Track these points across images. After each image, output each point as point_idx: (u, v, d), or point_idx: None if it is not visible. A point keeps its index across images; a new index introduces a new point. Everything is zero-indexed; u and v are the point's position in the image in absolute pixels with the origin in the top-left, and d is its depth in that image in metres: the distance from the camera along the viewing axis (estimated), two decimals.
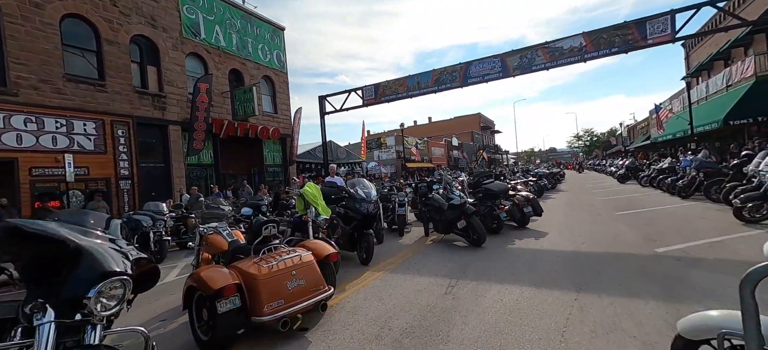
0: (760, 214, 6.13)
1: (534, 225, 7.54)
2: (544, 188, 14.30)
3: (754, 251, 4.52)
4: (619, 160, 27.19)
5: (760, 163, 7.61)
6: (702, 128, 17.97)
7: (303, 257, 3.18)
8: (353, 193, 5.47)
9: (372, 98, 16.37)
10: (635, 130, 42.13)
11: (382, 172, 29.96)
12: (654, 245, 5.20)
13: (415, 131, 61.59)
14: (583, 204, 10.93)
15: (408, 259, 5.56)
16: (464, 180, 9.63)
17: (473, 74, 14.07)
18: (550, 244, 5.79)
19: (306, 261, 3.17)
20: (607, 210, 9.08)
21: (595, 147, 62.79)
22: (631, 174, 18.18)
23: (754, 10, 13.92)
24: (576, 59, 12.20)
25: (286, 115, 18.30)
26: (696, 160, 10.30)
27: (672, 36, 10.68)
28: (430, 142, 41.42)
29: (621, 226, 6.78)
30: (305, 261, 3.16)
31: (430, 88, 15.01)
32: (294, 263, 3.08)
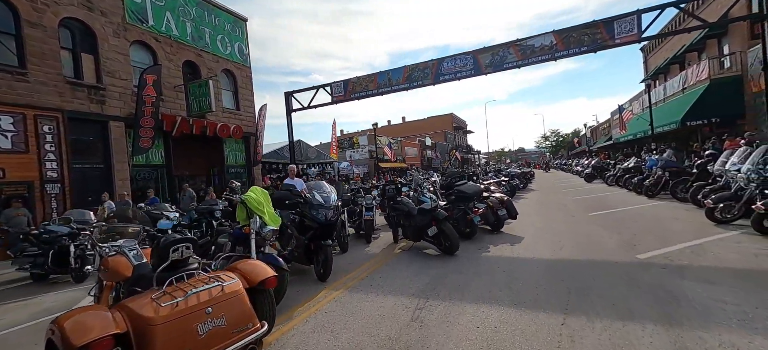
0: (731, 215, 6.03)
1: (509, 228, 7.14)
2: (516, 188, 14.17)
3: (735, 255, 4.27)
4: (585, 160, 28.12)
5: (726, 163, 7.67)
6: (661, 129, 18.74)
7: (226, 287, 2.42)
8: (309, 198, 4.72)
9: (341, 95, 15.59)
10: (597, 130, 44.03)
11: (355, 172, 29.17)
12: (635, 250, 4.87)
13: (388, 131, 61.25)
14: (556, 204, 10.78)
15: (373, 272, 4.89)
16: (436, 182, 9.12)
17: (445, 71, 13.67)
18: (528, 251, 5.34)
19: (229, 292, 2.41)
20: (580, 211, 8.89)
21: (561, 147, 65.30)
22: (598, 173, 18.61)
23: (712, 11, 14.50)
24: (547, 57, 12.09)
25: (249, 113, 17.10)
26: (661, 159, 10.42)
27: (638, 36, 10.77)
28: (404, 141, 41.11)
29: (597, 229, 6.49)
30: (228, 293, 2.41)
31: (402, 85, 14.47)
32: (211, 296, 2.32)
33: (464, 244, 6.07)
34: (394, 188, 6.38)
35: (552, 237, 6.10)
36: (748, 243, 4.76)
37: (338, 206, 4.98)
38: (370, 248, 6.60)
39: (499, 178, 13.21)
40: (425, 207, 5.45)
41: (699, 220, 6.48)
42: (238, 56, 16.59)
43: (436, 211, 5.29)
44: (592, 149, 39.98)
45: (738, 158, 7.13)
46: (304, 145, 22.82)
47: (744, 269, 3.76)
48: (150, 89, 11.25)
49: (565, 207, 9.93)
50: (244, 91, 16.99)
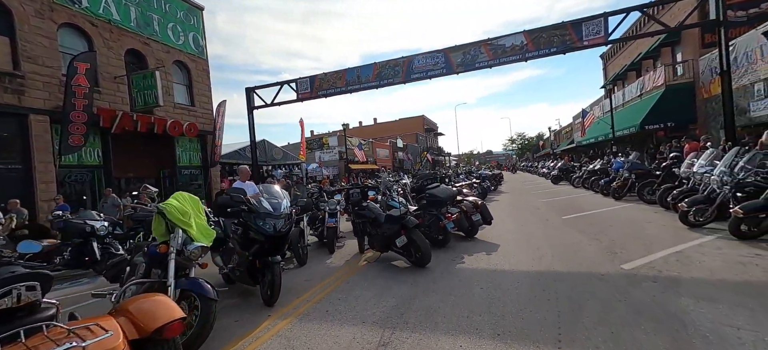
0: (704, 218, 5.91)
1: (483, 234, 6.67)
2: (487, 190, 13.96)
3: (722, 264, 3.99)
4: (550, 162, 28.92)
5: (693, 165, 7.69)
6: (621, 132, 19.49)
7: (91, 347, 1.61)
8: (255, 206, 3.91)
9: (308, 92, 14.67)
10: (560, 134, 45.87)
11: (324, 173, 28.13)
12: (618, 259, 4.50)
13: (360, 132, 60.42)
14: (528, 207, 10.57)
15: (332, 291, 4.17)
16: (407, 185, 8.54)
17: (416, 70, 13.20)
18: (506, 261, 4.84)
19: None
20: (553, 214, 8.65)
21: (527, 150, 67.66)
22: (564, 175, 18.98)
23: (672, 17, 15.13)
24: (517, 57, 11.94)
25: (206, 109, 15.70)
26: (628, 161, 10.51)
27: (605, 38, 10.86)
28: (375, 143, 40.50)
29: (574, 234, 6.16)
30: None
31: (372, 82, 13.82)
32: None
33: (437, 253, 5.49)
34: (358, 192, 5.68)
35: (529, 245, 5.67)
36: (728, 250, 4.53)
37: (291, 214, 4.21)
38: (332, 259, 5.85)
39: (471, 180, 12.90)
40: (393, 213, 4.80)
41: (672, 224, 6.34)
42: (193, 47, 15.16)
43: (405, 218, 4.66)
44: (555, 152, 41.52)
45: (705, 160, 7.14)
46: (269, 146, 21.53)
47: (740, 281, 3.43)
48: (81, 78, 9.77)
49: (537, 210, 9.71)
50: (200, 86, 15.57)
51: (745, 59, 12.78)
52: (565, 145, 37.63)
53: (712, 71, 15.20)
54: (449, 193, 5.83)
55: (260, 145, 20.84)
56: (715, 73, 15.17)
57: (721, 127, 14.91)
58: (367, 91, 14.24)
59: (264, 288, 3.82)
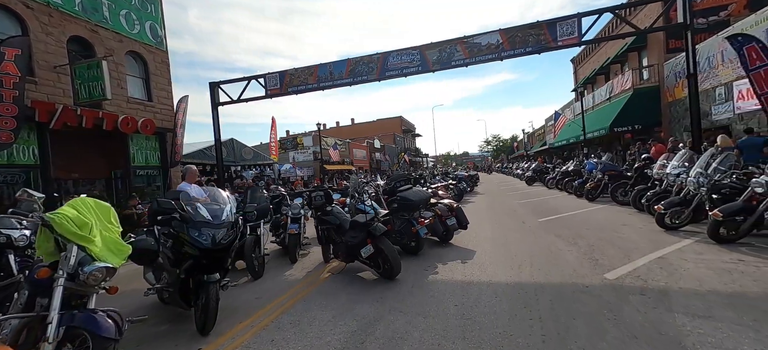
0: (680, 220, 5.78)
1: (459, 239, 6.26)
2: (464, 191, 13.71)
3: (708, 271, 3.75)
4: (524, 163, 29.43)
5: (665, 167, 7.66)
6: (591, 134, 19.95)
7: None
8: (189, 213, 3.25)
9: (277, 89, 13.86)
10: (533, 136, 47.06)
11: (297, 174, 27.15)
12: (600, 267, 4.18)
13: (337, 132, 59.51)
14: (504, 208, 10.34)
15: (284, 313, 3.57)
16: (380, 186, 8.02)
17: (391, 67, 12.73)
18: (483, 272, 4.41)
19: None
20: (529, 216, 8.42)
21: (502, 151, 69.15)
22: (538, 176, 19.15)
23: (642, 19, 15.50)
24: (493, 57, 11.74)
25: (165, 105, 14.50)
26: (601, 163, 10.52)
27: (578, 39, 10.83)
28: (352, 144, 39.82)
29: (552, 239, 5.86)
30: None
31: (345, 79, 13.22)
32: None
33: (409, 262, 5.01)
34: (322, 195, 5.09)
35: (507, 251, 5.29)
36: (710, 255, 4.32)
37: (237, 222, 3.56)
38: (293, 270, 5.23)
39: (447, 182, 12.59)
40: (359, 219, 4.26)
41: (648, 226, 6.19)
42: (150, 37, 13.95)
43: (371, 226, 4.13)
44: (529, 153, 42.52)
45: (678, 162, 7.10)
46: (238, 145, 20.39)
47: (731, 293, 3.15)
48: (10, 66, 8.56)
49: (514, 212, 9.47)
50: (159, 80, 14.36)
51: (707, 64, 13.25)
52: (538, 147, 38.55)
53: (676, 75, 15.76)
54: (422, 196, 5.36)
55: (228, 145, 19.69)
56: (679, 77, 15.74)
57: (684, 129, 15.50)
58: (341, 88, 13.62)
59: (197, 312, 3.17)
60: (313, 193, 5.16)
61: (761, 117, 11.17)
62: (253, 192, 5.56)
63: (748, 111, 11.66)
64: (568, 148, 26.83)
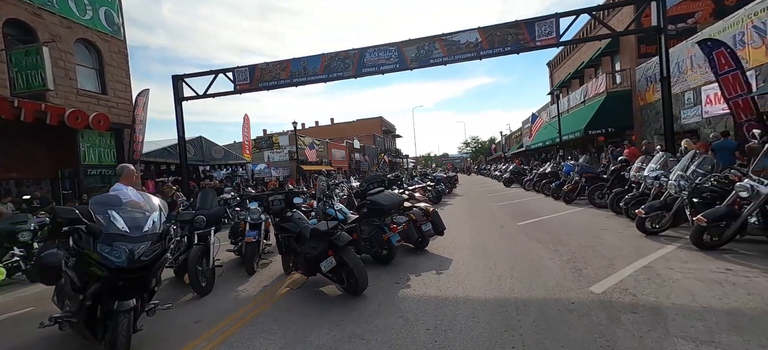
0: (660, 225, 5.60)
1: (435, 245, 5.84)
2: (442, 193, 13.39)
3: (698, 283, 3.48)
4: (502, 165, 29.68)
5: (643, 169, 7.56)
6: (567, 137, 20.25)
7: None
8: (99, 223, 2.59)
9: (247, 83, 13.04)
10: (511, 138, 47.88)
11: (272, 175, 26.13)
12: (584, 279, 3.85)
13: (316, 132, 58.37)
14: (483, 211, 10.05)
15: (223, 343, 2.98)
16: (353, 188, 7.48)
17: (368, 63, 12.23)
18: (460, 285, 3.98)
19: None
20: (508, 220, 8.13)
21: (480, 153, 70.14)
22: (515, 178, 19.19)
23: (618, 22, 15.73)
24: (472, 56, 11.47)
25: (122, 98, 13.35)
26: (578, 165, 10.44)
27: (557, 39, 10.74)
28: (331, 144, 38.99)
29: (533, 245, 5.54)
30: None
31: (320, 75, 12.59)
32: None
33: (379, 272, 4.52)
34: (281, 199, 4.50)
35: (486, 260, 4.90)
36: (695, 264, 4.09)
37: (168, 233, 2.93)
38: (247, 285, 4.61)
39: (425, 183, 12.23)
40: (320, 227, 3.72)
41: (628, 231, 5.99)
42: (105, 25, 12.79)
43: (333, 235, 3.60)
44: (507, 155, 43.18)
45: (656, 164, 6.99)
46: (207, 143, 19.23)
47: (729, 309, 2.86)
48: None
49: (492, 214, 9.19)
50: (115, 71, 13.20)
51: (677, 69, 13.57)
52: (515, 149, 39.16)
53: (647, 80, 16.15)
54: (394, 200, 4.88)
55: (196, 143, 18.54)
56: (650, 82, 16.14)
57: (655, 132, 15.91)
58: (322, 88, 12.98)
59: (105, 346, 2.53)
60: (271, 197, 4.56)
61: (728, 121, 11.50)
62: (205, 196, 4.89)
63: (715, 115, 11.99)
64: (544, 150, 27.29)
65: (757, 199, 4.20)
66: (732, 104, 9.48)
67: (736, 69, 9.47)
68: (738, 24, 10.54)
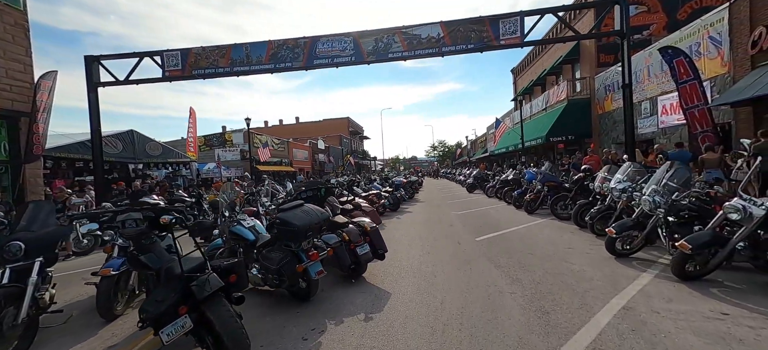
0: (632, 246, 4.88)
1: (375, 270, 4.73)
2: (401, 200, 12.38)
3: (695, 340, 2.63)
4: (467, 170, 29.50)
5: (609, 180, 6.96)
6: (529, 143, 20.16)
7: None
8: None
9: (178, 70, 11.26)
10: (476, 143, 48.48)
11: (222, 175, 23.91)
12: (555, 329, 2.90)
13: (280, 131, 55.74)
14: (441, 222, 9.13)
15: None
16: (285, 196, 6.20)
17: (321, 54, 10.96)
18: (390, 341, 2.88)
19: None
20: (466, 235, 7.22)
21: (447, 157, 70.86)
22: (478, 184, 18.71)
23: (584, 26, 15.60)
24: (433, 51, 10.60)
25: (20, 81, 11.02)
26: (541, 173, 9.85)
27: (521, 39, 10.12)
28: (292, 143, 36.95)
29: (492, 273, 4.59)
30: None
31: (265, 65, 11.13)
32: None
33: (288, 317, 3.33)
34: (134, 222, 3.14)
35: (432, 296, 3.86)
36: (684, 304, 3.29)
37: None
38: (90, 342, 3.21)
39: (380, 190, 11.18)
40: (173, 269, 2.44)
41: (596, 251, 5.25)
42: None
43: (195, 280, 2.34)
44: (472, 160, 43.52)
45: (623, 175, 6.38)
46: (140, 138, 16.86)
47: None
48: None
49: (450, 227, 8.27)
50: (10, 48, 10.85)
51: (635, 79, 13.58)
52: (480, 154, 39.46)
53: (606, 88, 16.25)
54: (311, 219, 3.67)
55: (125, 137, 16.16)
56: (609, 91, 16.27)
57: (613, 141, 16.05)
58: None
59: None
60: (121, 217, 3.19)
61: (683, 131, 11.57)
62: (36, 211, 3.38)
63: (671, 125, 12.03)
64: (508, 156, 27.36)
65: (749, 223, 3.49)
66: (688, 114, 9.32)
67: (693, 79, 9.34)
68: (694, 34, 10.52)
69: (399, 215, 10.91)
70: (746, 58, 8.92)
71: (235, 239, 4.10)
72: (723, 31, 9.53)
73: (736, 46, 9.20)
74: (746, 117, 9.06)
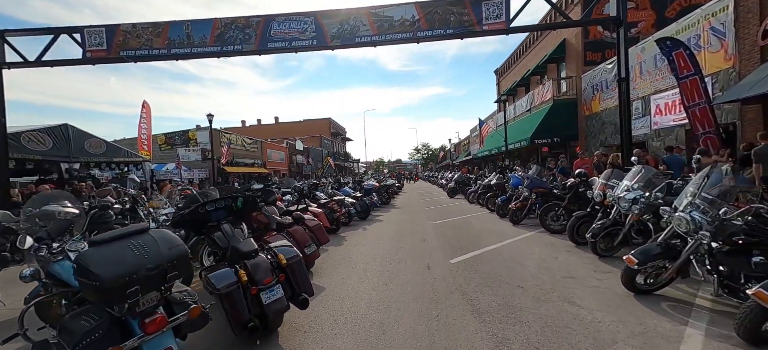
0: (658, 280, 3.55)
1: (295, 323, 3.21)
2: (371, 207, 10.88)
3: None
4: (449, 173, 28.34)
5: (612, 188, 5.69)
6: (513, 146, 19.09)
7: None
8: None
9: (102, 50, 9.40)
10: (459, 146, 47.67)
11: (183, 176, 21.75)
12: None
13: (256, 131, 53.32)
14: (414, 235, 7.67)
15: None
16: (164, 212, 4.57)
17: (276, 36, 9.36)
18: None
19: None
20: (440, 254, 5.79)
21: (431, 160, 69.96)
22: (460, 188, 17.46)
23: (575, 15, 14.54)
24: (407, 36, 9.17)
25: None
26: (528, 177, 8.57)
27: (506, 24, 8.84)
28: (266, 144, 34.88)
29: (468, 326, 3.15)
30: None
31: (210, 47, 9.43)
32: None
33: None
34: None
35: None
36: None
37: None
38: None
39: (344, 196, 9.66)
40: None
41: (607, 284, 3.91)
42: None
43: None
44: (455, 163, 42.56)
45: (633, 181, 5.11)
46: (76, 134, 14.64)
47: None
48: None
49: (423, 242, 6.82)
50: None
51: None
52: (463, 157, 38.50)
53: (594, 88, 15.31)
54: (143, 261, 2.08)
55: (57, 132, 13.92)
56: (596, 91, 15.34)
57: (600, 144, 15.11)
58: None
59: None
60: None
61: (679, 133, 10.63)
62: None
63: (665, 127, 11.06)
64: (490, 159, 26.33)
65: None
66: (690, 113, 8.27)
67: (694, 74, 8.28)
68: (694, 26, 9.54)
69: (367, 225, 9.42)
70: (755, 50, 7.93)
71: (57, 284, 2.50)
72: (727, 21, 8.54)
73: (742, 38, 8.21)
74: (755, 116, 8.06)
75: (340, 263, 5.43)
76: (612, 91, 14.14)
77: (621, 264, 3.68)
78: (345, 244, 6.89)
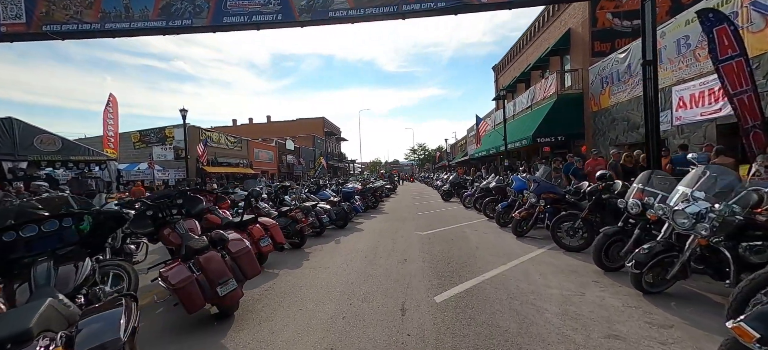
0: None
1: None
2: (350, 215, 9.34)
3: None
4: (445, 174, 26.86)
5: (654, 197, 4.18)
6: (513, 145, 17.63)
7: None
8: None
9: (21, 24, 7.80)
10: (456, 146, 46.22)
11: (157, 176, 20.12)
12: None
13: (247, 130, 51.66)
14: (392, 255, 6.12)
15: None
16: None
17: (233, 9, 7.81)
18: None
19: None
20: (422, 287, 4.25)
21: (427, 161, 68.53)
22: (455, 191, 15.96)
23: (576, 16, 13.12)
24: (392, 10, 7.65)
25: None
26: (535, 180, 7.06)
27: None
28: (253, 143, 33.21)
29: None
30: None
31: (152, 22, 7.86)
32: None
33: None
34: None
35: None
36: None
37: None
38: None
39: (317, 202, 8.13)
40: None
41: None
42: None
43: None
44: (451, 164, 41.12)
45: (692, 188, 3.60)
46: (23, 128, 13.00)
47: None
48: None
49: (402, 265, 5.28)
50: None
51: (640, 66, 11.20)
52: (460, 157, 37.05)
53: (603, 81, 13.86)
54: None
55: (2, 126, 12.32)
56: (606, 84, 13.90)
57: (610, 143, 13.67)
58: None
59: None
60: None
61: (708, 129, 9.20)
62: None
63: (690, 122, 9.62)
64: (489, 159, 24.88)
65: None
66: (737, 103, 6.81)
67: (739, 55, 6.80)
68: (730, 2, 8.10)
69: (343, 235, 7.88)
70: None
71: None
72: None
73: None
74: None
75: (281, 303, 3.88)
76: (624, 84, 12.71)
77: (687, 308, 2.18)
78: (302, 267, 5.34)
